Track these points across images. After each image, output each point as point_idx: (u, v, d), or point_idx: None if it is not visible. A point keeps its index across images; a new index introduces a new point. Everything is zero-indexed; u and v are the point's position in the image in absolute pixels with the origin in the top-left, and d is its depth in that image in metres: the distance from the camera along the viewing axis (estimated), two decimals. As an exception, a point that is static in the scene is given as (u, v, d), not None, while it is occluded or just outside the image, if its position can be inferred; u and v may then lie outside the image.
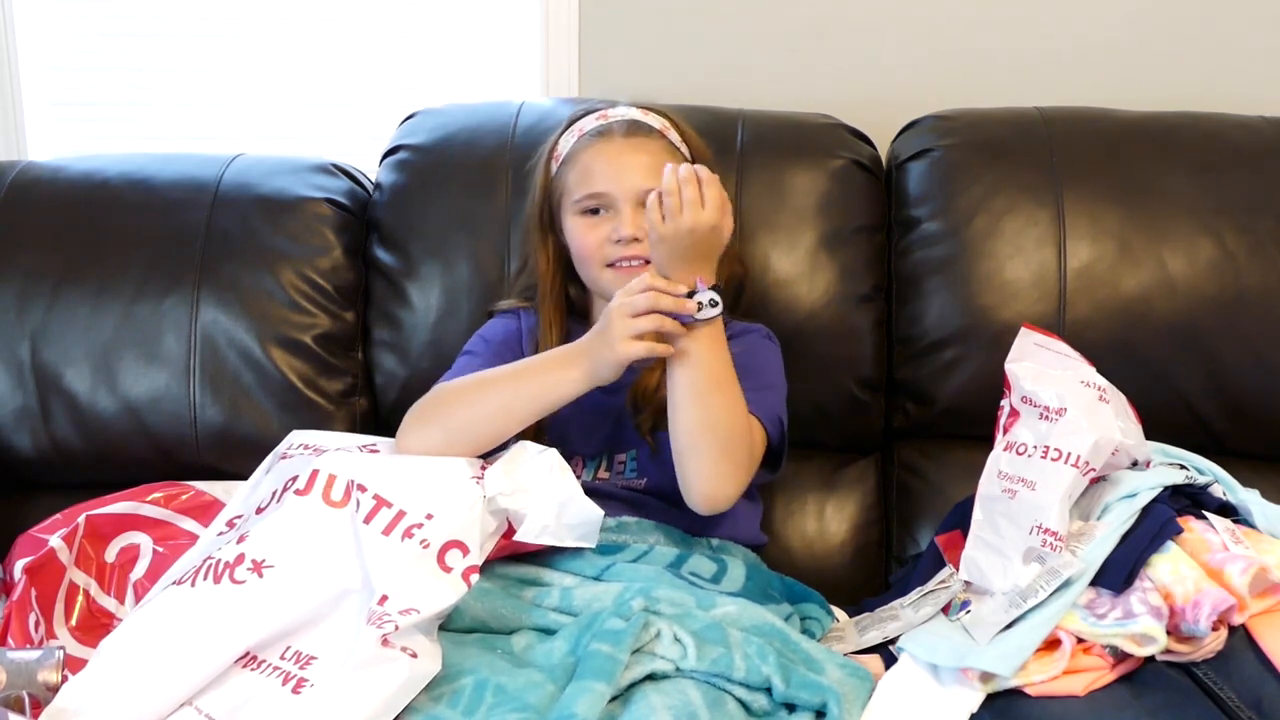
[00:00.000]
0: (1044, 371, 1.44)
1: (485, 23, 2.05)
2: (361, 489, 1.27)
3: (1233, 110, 1.77)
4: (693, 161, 1.51)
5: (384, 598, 1.20)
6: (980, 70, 1.97)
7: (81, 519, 1.48)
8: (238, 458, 1.59)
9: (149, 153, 1.83)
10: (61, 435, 1.62)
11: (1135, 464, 1.42)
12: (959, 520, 1.47)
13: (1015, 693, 1.27)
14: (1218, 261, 1.62)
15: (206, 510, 1.54)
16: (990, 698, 1.27)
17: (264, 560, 1.25)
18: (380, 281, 1.70)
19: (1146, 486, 1.36)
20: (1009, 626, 1.31)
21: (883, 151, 1.80)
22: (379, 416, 1.70)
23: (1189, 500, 1.39)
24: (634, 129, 1.52)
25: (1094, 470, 1.36)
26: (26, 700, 1.17)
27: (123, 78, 2.09)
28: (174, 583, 1.28)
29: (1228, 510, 1.41)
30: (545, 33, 1.97)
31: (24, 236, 1.66)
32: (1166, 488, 1.38)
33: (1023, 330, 1.49)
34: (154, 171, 1.72)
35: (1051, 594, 1.31)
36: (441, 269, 1.67)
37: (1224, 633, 1.27)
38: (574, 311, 1.57)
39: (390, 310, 1.69)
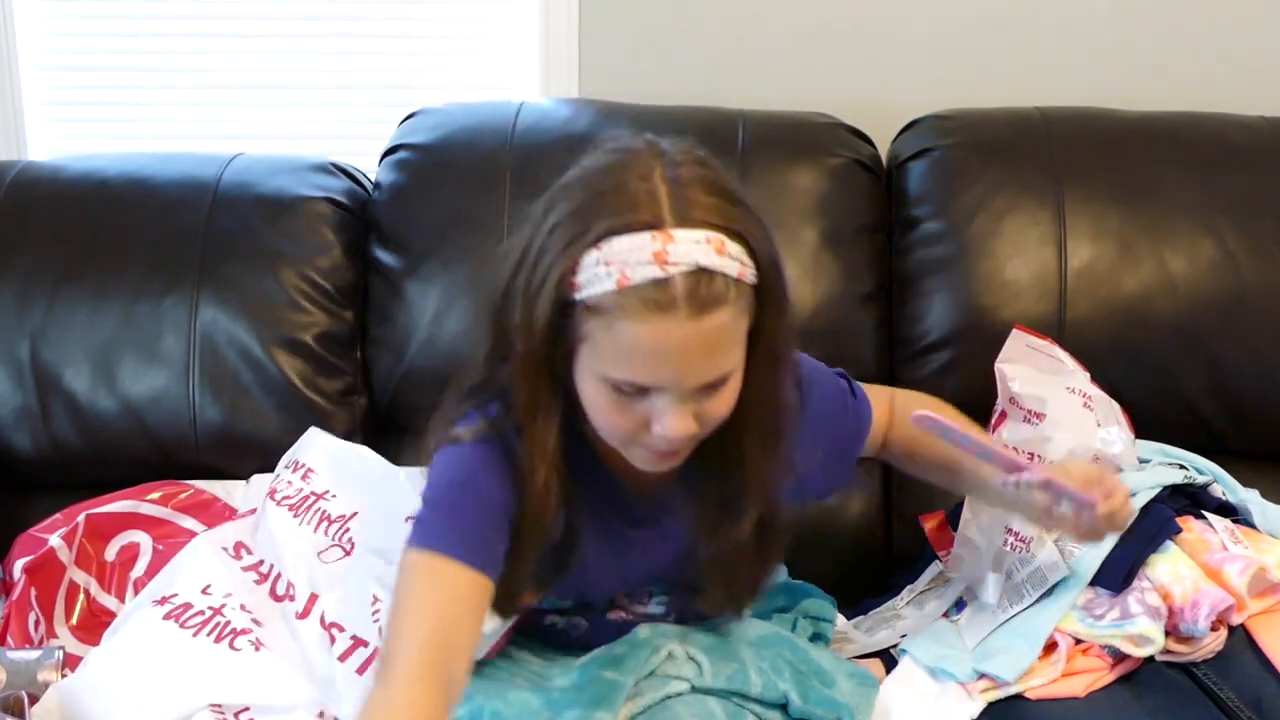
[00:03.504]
0: (1031, 374, 1.44)
1: (485, 23, 2.05)
2: (340, 629, 1.29)
3: (1233, 110, 1.77)
4: (760, 282, 1.05)
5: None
6: (980, 70, 1.96)
7: (81, 518, 1.48)
8: (237, 457, 1.60)
9: (149, 153, 1.83)
10: (61, 435, 1.62)
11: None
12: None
13: (1016, 695, 1.27)
14: (1218, 261, 1.62)
15: (206, 508, 1.54)
16: (991, 701, 1.27)
17: (266, 644, 1.28)
18: (379, 281, 1.70)
19: (1145, 486, 1.36)
20: (1001, 625, 1.32)
21: (883, 151, 1.80)
22: (376, 415, 1.70)
23: (1188, 500, 1.39)
24: (705, 299, 1.00)
25: None
26: (26, 700, 1.17)
27: (123, 78, 2.09)
28: (177, 622, 1.29)
29: (1227, 510, 1.41)
30: (545, 33, 1.97)
31: (24, 236, 1.65)
32: (1165, 487, 1.38)
33: (1015, 332, 1.49)
34: (154, 171, 1.72)
35: (1040, 597, 1.31)
36: (440, 268, 1.66)
37: (1223, 633, 1.27)
38: (570, 457, 1.11)
39: (389, 309, 1.68)
